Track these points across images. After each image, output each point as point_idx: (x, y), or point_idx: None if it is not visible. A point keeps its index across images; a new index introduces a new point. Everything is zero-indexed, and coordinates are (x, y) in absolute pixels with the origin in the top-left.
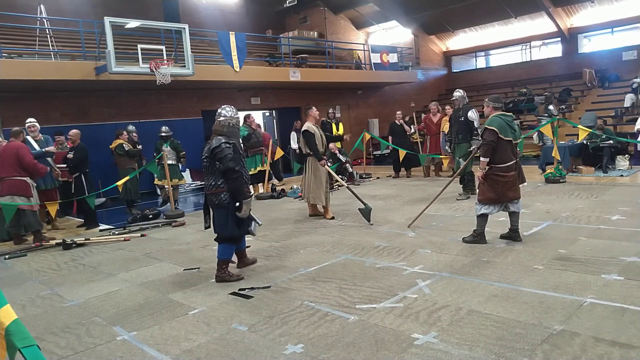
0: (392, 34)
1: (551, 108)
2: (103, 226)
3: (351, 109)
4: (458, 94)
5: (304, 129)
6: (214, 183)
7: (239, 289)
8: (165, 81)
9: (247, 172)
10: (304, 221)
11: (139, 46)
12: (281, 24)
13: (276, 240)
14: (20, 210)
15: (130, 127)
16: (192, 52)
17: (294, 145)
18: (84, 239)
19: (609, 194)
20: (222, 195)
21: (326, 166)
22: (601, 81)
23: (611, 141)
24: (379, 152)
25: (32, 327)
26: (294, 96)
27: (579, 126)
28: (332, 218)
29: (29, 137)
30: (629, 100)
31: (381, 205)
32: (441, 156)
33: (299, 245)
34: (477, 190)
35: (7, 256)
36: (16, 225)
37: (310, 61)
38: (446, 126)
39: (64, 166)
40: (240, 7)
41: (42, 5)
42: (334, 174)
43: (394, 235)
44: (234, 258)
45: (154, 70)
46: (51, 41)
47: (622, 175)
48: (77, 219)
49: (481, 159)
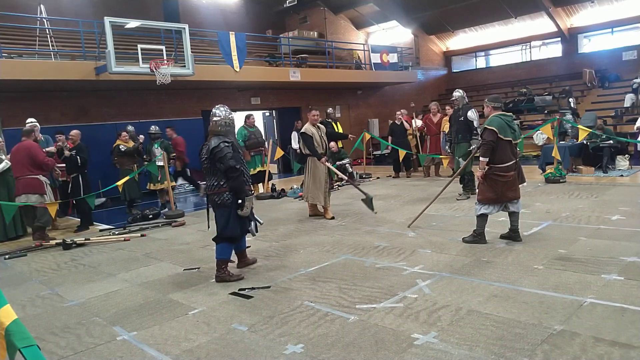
0: (392, 34)
1: (571, 101)
2: (103, 226)
3: (351, 109)
4: (458, 94)
5: (302, 131)
6: (216, 183)
7: (239, 289)
8: (165, 81)
9: (248, 171)
10: (304, 221)
11: (139, 46)
12: (281, 24)
13: (276, 240)
14: (34, 207)
15: (130, 128)
16: (192, 52)
17: (294, 145)
18: (84, 239)
19: (609, 194)
20: (225, 195)
21: (326, 163)
22: (601, 81)
23: (611, 141)
24: (379, 152)
25: (32, 327)
26: (294, 96)
27: (579, 126)
28: (332, 218)
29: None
30: (629, 100)
31: (381, 205)
32: (441, 156)
33: (299, 245)
34: (477, 190)
35: (7, 256)
36: (34, 219)
37: (310, 61)
38: (446, 126)
39: (63, 166)
40: (240, 7)
41: (42, 5)
42: (333, 169)
43: (394, 235)
44: (234, 258)
45: (154, 70)
46: (51, 41)
47: (622, 175)
48: (77, 219)
49: (481, 158)
